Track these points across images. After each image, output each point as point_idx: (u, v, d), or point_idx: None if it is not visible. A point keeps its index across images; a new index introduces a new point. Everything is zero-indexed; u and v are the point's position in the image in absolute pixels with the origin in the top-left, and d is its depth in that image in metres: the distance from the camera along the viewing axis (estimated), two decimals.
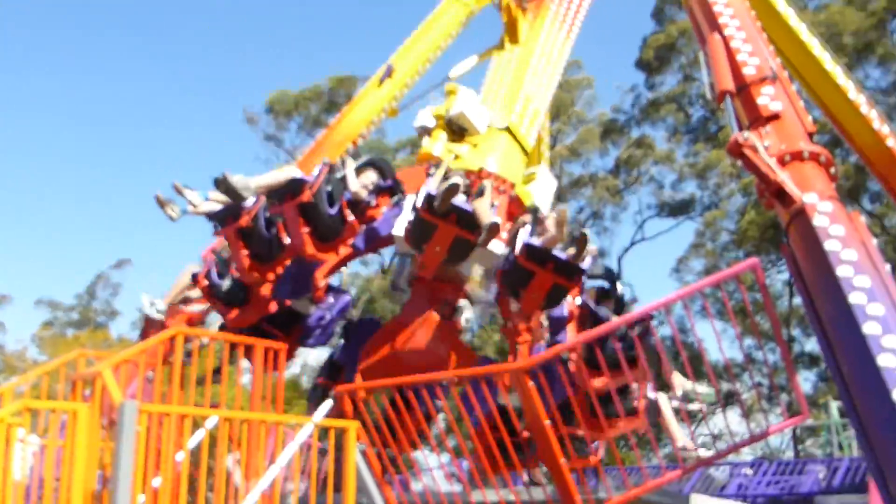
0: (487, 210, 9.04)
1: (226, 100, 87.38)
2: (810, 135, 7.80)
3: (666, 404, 9.05)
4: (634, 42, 48.32)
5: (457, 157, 10.81)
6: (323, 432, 7.76)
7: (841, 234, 6.36)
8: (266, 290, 9.84)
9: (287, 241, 9.60)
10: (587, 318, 8.86)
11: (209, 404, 8.88)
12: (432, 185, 8.88)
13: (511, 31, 13.30)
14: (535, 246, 8.49)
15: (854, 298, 5.78)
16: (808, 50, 12.69)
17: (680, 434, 8.99)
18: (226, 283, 9.59)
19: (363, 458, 7.59)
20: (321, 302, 10.39)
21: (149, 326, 11.89)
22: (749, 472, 14.40)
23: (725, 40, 9.03)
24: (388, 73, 13.56)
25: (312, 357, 53.62)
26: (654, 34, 46.03)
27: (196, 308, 11.88)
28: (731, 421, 39.75)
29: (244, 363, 8.82)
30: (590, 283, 9.17)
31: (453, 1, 14.34)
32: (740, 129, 7.90)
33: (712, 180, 43.53)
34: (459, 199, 8.77)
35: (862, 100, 12.73)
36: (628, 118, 48.36)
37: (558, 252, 8.44)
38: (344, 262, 10.43)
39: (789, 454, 36.44)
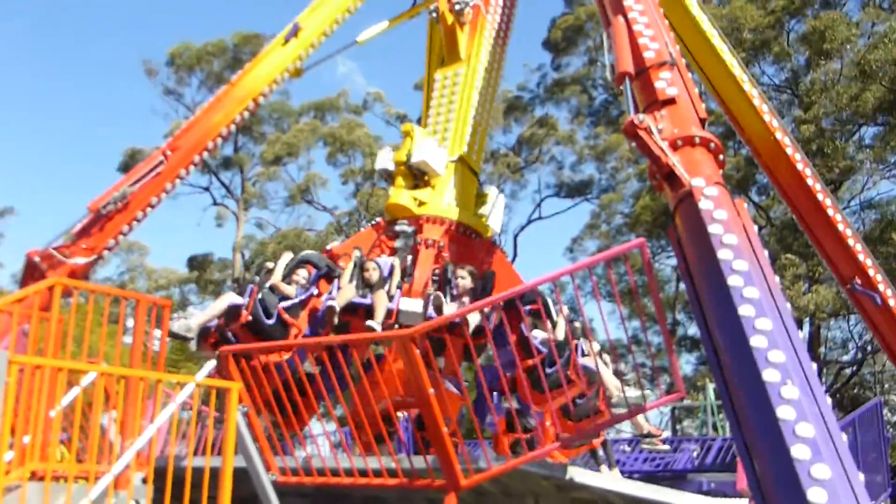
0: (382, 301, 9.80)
1: (124, 47, 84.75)
2: (703, 122, 7.98)
3: (603, 368, 9.25)
4: (543, 22, 48.59)
5: (421, 203, 11.74)
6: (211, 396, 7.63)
7: (724, 218, 6.54)
8: None
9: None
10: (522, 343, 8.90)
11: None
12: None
13: (450, 47, 13.44)
14: (593, 371, 8.68)
15: (732, 281, 5.97)
16: (708, 40, 13.02)
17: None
18: (272, 321, 9.71)
19: (245, 420, 7.50)
20: None
21: (28, 276, 11.49)
22: (627, 448, 14.81)
23: (628, 23, 9.15)
24: (294, 31, 13.34)
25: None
26: (563, 15, 46.58)
27: (80, 260, 11.52)
28: None
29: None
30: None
31: None
32: (637, 111, 8.03)
33: (611, 163, 44.40)
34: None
35: (755, 93, 13.13)
36: (533, 97, 48.91)
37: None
38: None
39: (668, 433, 37.72)
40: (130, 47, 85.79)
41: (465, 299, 9.93)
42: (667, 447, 11.24)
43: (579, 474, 7.74)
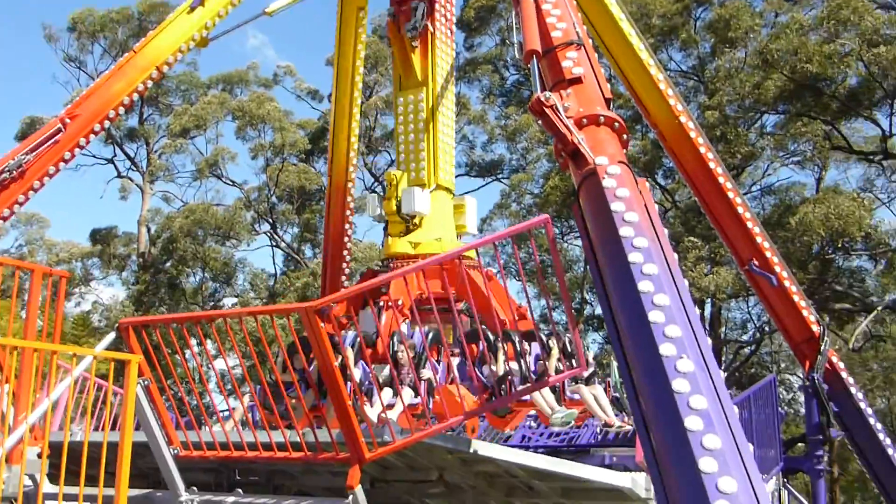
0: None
1: (23, 9, 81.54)
2: (608, 101, 8.11)
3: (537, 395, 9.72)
4: (457, 1, 48.46)
5: (416, 245, 13.20)
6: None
7: (626, 196, 6.67)
8: None
9: None
10: None
11: None
12: None
13: (406, 70, 14.00)
14: None
15: (633, 258, 6.09)
16: (617, 24, 13.19)
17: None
18: None
19: (146, 393, 7.36)
20: None
21: None
22: (533, 424, 14.96)
23: (537, 3, 9.21)
24: (200, 0, 13.03)
25: (107, 295, 51.50)
26: None
27: None
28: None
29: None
30: None
31: None
32: (544, 89, 8.11)
33: (521, 144, 44.71)
34: None
35: (661, 77, 13.39)
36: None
37: None
38: None
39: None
40: (29, 10, 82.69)
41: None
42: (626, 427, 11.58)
43: (484, 447, 7.83)
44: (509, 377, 9.21)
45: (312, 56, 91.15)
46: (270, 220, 47.15)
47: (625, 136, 7.70)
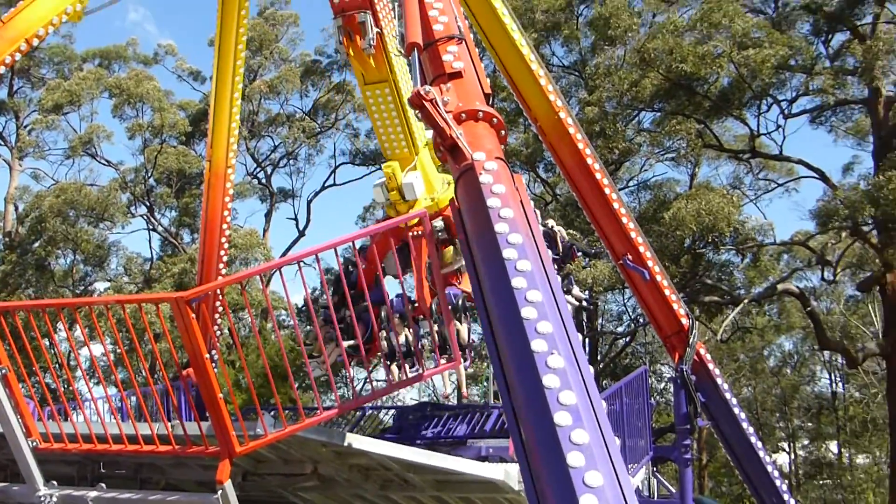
0: None
1: None
2: (487, 97, 8.17)
3: None
4: None
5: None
6: None
7: (502, 192, 6.73)
8: None
9: None
10: None
11: None
12: None
13: (366, 70, 14.15)
14: None
15: (507, 254, 6.16)
16: (499, 19, 13.33)
17: None
18: None
19: (3, 383, 7.05)
20: None
21: None
22: (412, 417, 15.04)
23: None
24: None
25: None
26: None
27: None
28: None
29: None
30: None
31: None
32: (424, 82, 8.12)
33: None
34: None
35: (542, 73, 13.59)
36: (330, 62, 48.32)
37: None
38: None
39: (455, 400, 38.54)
40: None
41: None
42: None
43: (357, 441, 7.82)
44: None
45: (195, 35, 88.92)
46: (147, 203, 45.86)
47: (503, 132, 7.77)
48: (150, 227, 46.75)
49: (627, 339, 43.05)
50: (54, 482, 7.60)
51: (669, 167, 41.47)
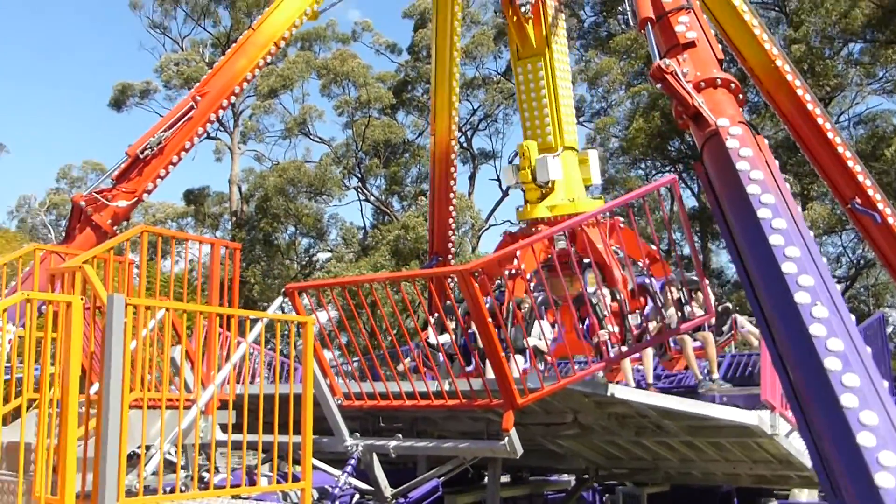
0: None
1: None
2: (720, 62, 8.58)
3: None
4: None
5: (551, 208, 14.32)
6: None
7: (749, 155, 7.19)
8: None
9: None
10: None
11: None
12: None
13: (522, 40, 14.70)
14: None
15: (762, 213, 6.64)
16: None
17: None
18: None
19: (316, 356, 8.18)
20: None
21: (74, 219, 12.17)
22: (640, 367, 15.46)
23: None
24: None
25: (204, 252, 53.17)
26: None
27: (122, 203, 12.17)
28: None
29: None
30: None
31: None
32: (660, 55, 8.59)
33: (601, 87, 44.58)
34: None
35: (756, 23, 13.59)
36: None
37: None
38: None
39: None
40: None
41: None
42: None
43: (620, 391, 8.49)
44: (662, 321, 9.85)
45: (388, 8, 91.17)
46: (359, 175, 48.09)
47: (740, 96, 8.17)
48: (363, 198, 49.05)
49: (848, 283, 41.49)
50: (357, 433, 8.76)
51: (885, 99, 39.35)
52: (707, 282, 9.50)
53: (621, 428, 9.60)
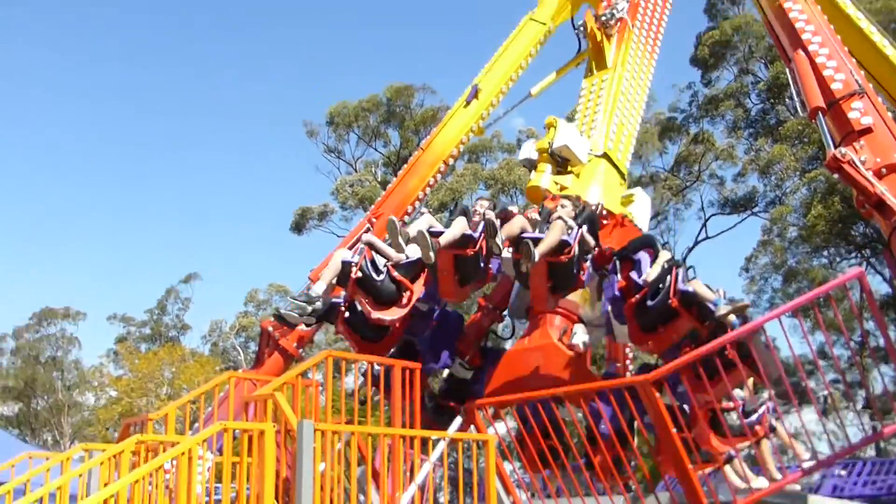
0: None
1: (287, 116, 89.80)
2: None
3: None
4: (688, 39, 48.10)
5: (562, 188, 11.71)
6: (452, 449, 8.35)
7: None
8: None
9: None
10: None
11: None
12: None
13: (597, 57, 13.86)
14: (690, 293, 8.75)
15: None
16: (868, 38, 11.94)
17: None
18: (381, 277, 9.61)
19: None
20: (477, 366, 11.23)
21: (264, 343, 12.73)
22: (843, 473, 14.40)
23: (810, 57, 9.46)
24: (475, 93, 14.20)
25: None
26: (708, 31, 46.09)
27: (306, 326, 12.63)
28: (807, 420, 39.42)
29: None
30: None
31: (532, 21, 14.99)
32: (834, 144, 8.34)
33: (774, 176, 43.35)
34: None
35: None
36: (685, 116, 48.43)
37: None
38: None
39: (870, 454, 35.67)
40: (291, 111, 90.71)
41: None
42: None
43: (819, 501, 7.99)
44: None
45: (551, 113, 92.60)
46: None
47: None
48: None
49: None
50: None
51: None
52: None
53: None
